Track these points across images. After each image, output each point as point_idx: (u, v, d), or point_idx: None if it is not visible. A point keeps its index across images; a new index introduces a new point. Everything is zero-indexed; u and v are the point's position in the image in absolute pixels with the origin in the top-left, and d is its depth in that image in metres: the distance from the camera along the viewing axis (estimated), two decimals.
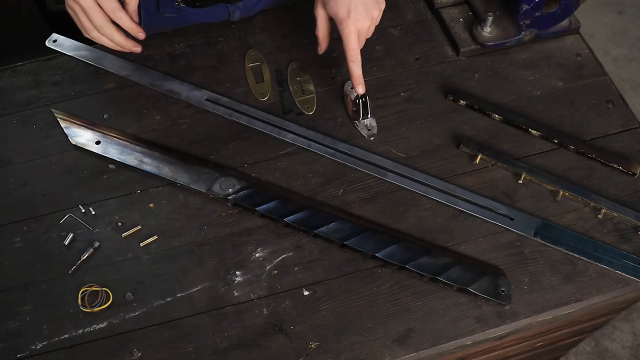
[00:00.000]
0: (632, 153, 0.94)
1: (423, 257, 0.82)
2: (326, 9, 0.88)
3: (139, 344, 0.78)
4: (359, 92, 0.90)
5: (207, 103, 0.97)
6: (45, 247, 0.84)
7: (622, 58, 2.27)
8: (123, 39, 0.87)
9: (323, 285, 0.82)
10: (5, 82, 0.99)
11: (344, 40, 0.87)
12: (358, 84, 0.90)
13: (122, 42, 0.88)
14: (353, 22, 0.86)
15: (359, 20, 0.86)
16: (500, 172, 0.92)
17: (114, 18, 0.85)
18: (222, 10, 1.02)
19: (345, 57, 0.88)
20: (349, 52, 0.87)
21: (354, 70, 0.88)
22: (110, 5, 0.83)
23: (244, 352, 0.78)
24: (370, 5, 0.87)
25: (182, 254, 0.84)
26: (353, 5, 0.85)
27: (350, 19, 0.86)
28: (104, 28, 0.85)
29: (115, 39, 0.87)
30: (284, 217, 0.85)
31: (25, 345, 0.78)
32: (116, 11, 0.84)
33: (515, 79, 1.01)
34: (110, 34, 0.86)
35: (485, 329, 0.80)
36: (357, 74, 0.89)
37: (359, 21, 0.86)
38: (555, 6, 0.97)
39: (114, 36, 0.86)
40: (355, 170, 0.91)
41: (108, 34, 0.86)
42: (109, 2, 0.83)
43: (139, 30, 0.87)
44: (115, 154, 0.90)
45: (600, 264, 0.84)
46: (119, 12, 0.84)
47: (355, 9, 0.85)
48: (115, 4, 0.84)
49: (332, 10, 0.87)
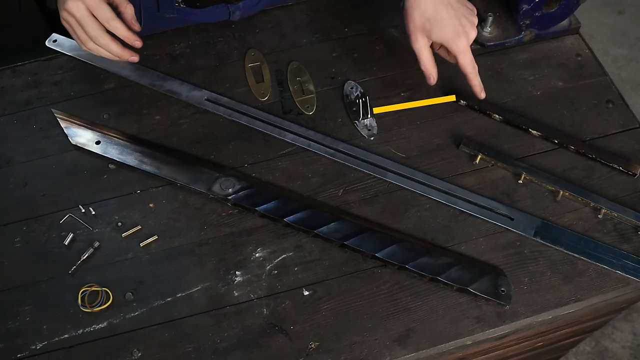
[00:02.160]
0: (632, 153, 0.94)
1: (423, 257, 0.82)
2: (431, 37, 0.88)
3: (139, 344, 0.78)
4: (481, 97, 0.92)
5: (207, 103, 0.97)
6: (45, 247, 0.84)
7: (622, 58, 2.26)
8: (120, 49, 0.86)
9: (323, 285, 0.82)
10: (5, 82, 0.99)
11: (459, 58, 0.88)
12: (481, 90, 0.91)
13: (119, 52, 0.86)
14: (463, 38, 0.87)
15: (469, 34, 0.87)
16: (500, 172, 0.92)
17: (109, 28, 0.83)
18: (222, 10, 1.02)
19: (465, 72, 0.89)
20: (468, 65, 0.89)
21: (474, 80, 0.90)
22: (105, 15, 0.82)
23: (244, 352, 0.78)
24: (469, 15, 0.89)
25: (182, 254, 0.84)
26: (457, 23, 0.87)
27: (460, 37, 0.87)
28: (99, 38, 0.84)
29: (112, 49, 0.85)
30: (284, 217, 0.85)
31: (25, 345, 0.78)
32: (111, 20, 0.83)
33: (515, 79, 1.01)
34: (107, 44, 0.84)
35: (485, 329, 0.80)
36: (478, 82, 0.90)
37: (469, 34, 0.87)
38: (555, 6, 0.97)
39: (110, 46, 0.85)
40: (355, 170, 0.91)
41: (104, 44, 0.84)
42: (103, 12, 0.82)
43: (135, 38, 0.86)
44: (115, 154, 0.90)
45: (600, 264, 0.84)
46: (114, 21, 0.83)
47: (460, 25, 0.87)
48: (110, 13, 0.82)
49: (440, 36, 0.87)
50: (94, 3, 0.81)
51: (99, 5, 0.82)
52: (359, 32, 1.06)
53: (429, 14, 0.86)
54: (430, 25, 0.87)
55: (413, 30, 0.88)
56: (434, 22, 0.87)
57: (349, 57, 1.03)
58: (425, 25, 0.87)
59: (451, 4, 0.87)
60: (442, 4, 0.87)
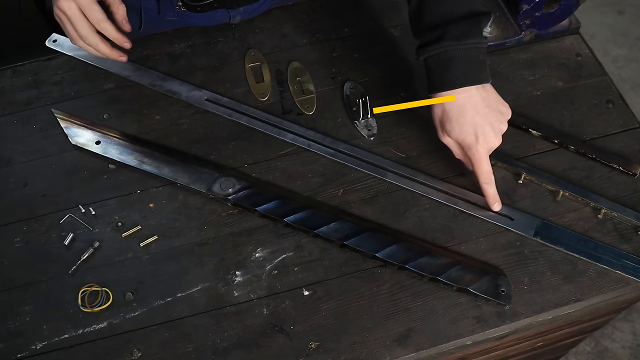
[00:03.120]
0: (632, 153, 0.94)
1: (423, 257, 0.82)
2: (450, 136, 0.84)
3: (139, 344, 0.78)
4: (495, 210, 0.86)
5: (207, 103, 0.97)
6: (45, 247, 0.84)
7: (622, 58, 2.27)
8: (108, 49, 0.87)
9: (323, 285, 0.82)
10: (5, 82, 0.99)
11: (475, 164, 0.83)
12: (494, 202, 0.86)
13: (107, 52, 0.87)
14: (483, 146, 0.82)
15: (489, 142, 0.82)
16: (500, 172, 0.92)
17: (100, 29, 0.84)
18: (223, 14, 1.02)
19: (478, 179, 0.84)
20: (483, 175, 0.83)
21: (488, 191, 0.85)
22: (96, 17, 0.83)
23: (244, 352, 0.78)
24: (497, 122, 0.83)
25: (182, 254, 0.84)
26: (480, 129, 0.81)
27: (479, 144, 0.82)
28: (88, 38, 0.84)
29: (100, 50, 0.86)
30: (284, 217, 0.85)
31: (25, 345, 0.78)
32: (101, 22, 0.84)
33: (515, 79, 1.01)
34: (95, 44, 0.85)
35: (485, 329, 0.80)
36: (492, 193, 0.85)
37: (489, 143, 0.82)
38: (555, 6, 0.97)
39: (99, 47, 0.86)
40: (355, 170, 0.91)
41: (93, 44, 0.85)
42: (94, 13, 0.83)
43: (124, 40, 0.87)
44: (115, 154, 0.90)
45: (600, 264, 0.84)
46: (104, 23, 0.84)
47: (483, 132, 0.81)
48: (101, 15, 0.83)
49: (458, 137, 0.82)
50: (85, 3, 0.82)
51: (91, 6, 0.82)
52: (359, 32, 1.06)
53: (452, 112, 0.82)
54: (450, 126, 0.82)
55: (435, 124, 0.85)
56: (454, 122, 0.82)
57: (349, 57, 1.03)
58: (447, 125, 0.83)
59: (479, 106, 0.81)
60: (470, 104, 0.81)
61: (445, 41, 0.81)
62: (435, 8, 0.83)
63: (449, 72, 0.82)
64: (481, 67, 0.82)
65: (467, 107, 0.82)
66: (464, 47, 0.81)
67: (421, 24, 0.85)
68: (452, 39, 0.81)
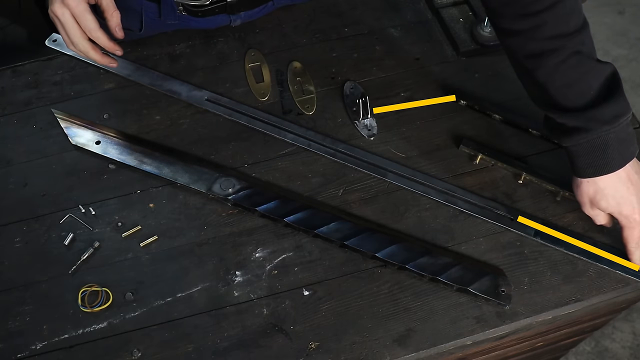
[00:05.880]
0: None
1: (423, 257, 0.82)
2: (606, 211, 0.82)
3: (139, 344, 0.78)
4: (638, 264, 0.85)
5: (207, 103, 0.97)
6: (45, 247, 0.84)
7: (622, 58, 2.27)
8: (99, 56, 0.88)
9: (323, 285, 0.82)
10: (5, 82, 0.99)
11: (627, 231, 0.82)
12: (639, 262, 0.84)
13: (98, 59, 0.89)
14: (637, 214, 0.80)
15: None
16: (500, 172, 0.92)
17: (92, 37, 0.86)
18: (224, 18, 1.02)
19: (627, 243, 0.83)
20: (634, 240, 0.82)
21: (635, 254, 0.83)
22: (88, 25, 0.84)
23: (244, 352, 0.78)
24: None
25: (182, 254, 0.84)
26: (636, 199, 0.80)
27: (636, 213, 0.80)
28: (79, 45, 0.86)
29: (91, 56, 0.88)
30: (284, 217, 0.85)
31: (25, 345, 0.78)
32: (93, 31, 0.85)
33: (515, 79, 1.00)
34: (86, 51, 0.87)
35: (485, 329, 0.80)
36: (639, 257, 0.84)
37: None
38: None
39: (89, 54, 0.87)
40: (355, 171, 0.91)
41: (84, 51, 0.87)
42: (87, 22, 0.84)
43: (116, 48, 0.88)
44: (115, 154, 0.90)
45: (600, 264, 0.84)
46: (96, 32, 0.85)
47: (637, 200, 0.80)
48: (93, 24, 0.84)
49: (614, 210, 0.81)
50: (78, 12, 0.83)
51: (84, 15, 0.83)
52: (359, 32, 1.06)
53: (607, 190, 0.80)
54: (607, 203, 0.80)
55: (583, 201, 0.83)
56: (611, 198, 0.80)
57: (349, 57, 1.03)
58: (602, 202, 0.81)
59: (633, 178, 0.80)
60: (621, 182, 0.79)
61: (596, 129, 0.76)
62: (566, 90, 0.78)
63: (604, 157, 0.78)
64: (631, 140, 0.79)
65: (622, 181, 0.80)
66: (619, 127, 0.77)
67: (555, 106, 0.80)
68: (605, 124, 0.76)
